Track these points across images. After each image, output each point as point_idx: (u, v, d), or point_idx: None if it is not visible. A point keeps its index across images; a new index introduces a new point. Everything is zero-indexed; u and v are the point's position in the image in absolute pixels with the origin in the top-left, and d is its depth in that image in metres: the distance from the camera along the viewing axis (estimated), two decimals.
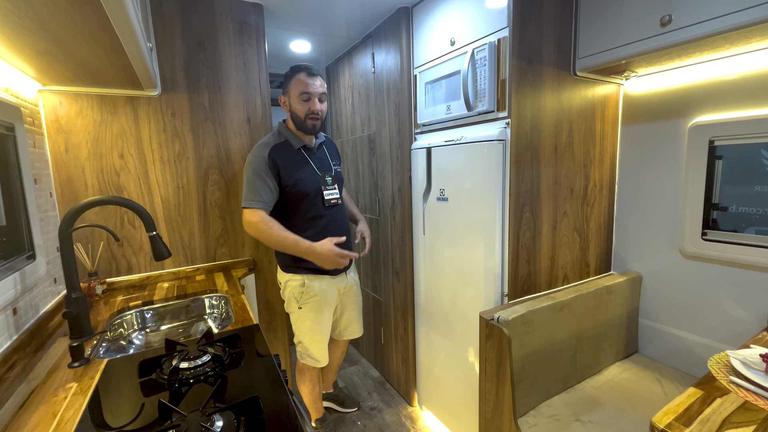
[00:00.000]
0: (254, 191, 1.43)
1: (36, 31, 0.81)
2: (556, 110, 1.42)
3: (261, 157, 1.44)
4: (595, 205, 1.63)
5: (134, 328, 1.35)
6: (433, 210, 1.66)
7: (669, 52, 1.20)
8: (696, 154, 1.38)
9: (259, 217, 1.42)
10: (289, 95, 1.49)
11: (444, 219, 1.60)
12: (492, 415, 1.33)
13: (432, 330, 1.76)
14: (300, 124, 1.49)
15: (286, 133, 1.52)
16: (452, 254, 1.57)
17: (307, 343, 1.61)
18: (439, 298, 1.69)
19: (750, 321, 1.30)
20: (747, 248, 1.28)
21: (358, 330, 1.81)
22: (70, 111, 1.44)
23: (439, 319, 1.70)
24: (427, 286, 1.76)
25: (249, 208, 1.42)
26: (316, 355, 1.63)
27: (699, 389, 0.88)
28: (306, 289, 1.54)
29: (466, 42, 1.43)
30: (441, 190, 1.59)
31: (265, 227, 1.41)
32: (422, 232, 1.74)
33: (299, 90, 1.45)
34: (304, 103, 1.46)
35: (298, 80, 1.45)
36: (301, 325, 1.59)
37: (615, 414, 1.26)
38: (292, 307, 1.59)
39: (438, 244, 1.65)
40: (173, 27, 1.57)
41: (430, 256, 1.71)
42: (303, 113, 1.47)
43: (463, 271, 1.53)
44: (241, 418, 0.71)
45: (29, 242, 1.14)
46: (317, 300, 1.56)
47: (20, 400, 0.83)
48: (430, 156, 1.63)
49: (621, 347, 1.59)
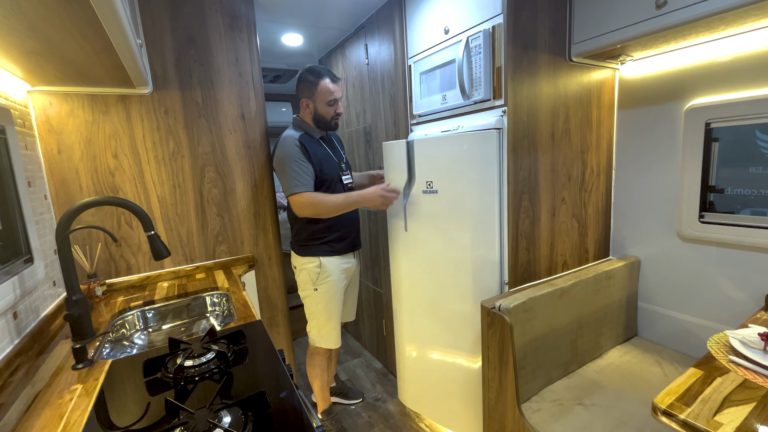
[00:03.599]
0: (297, 176, 1.50)
1: (23, 30, 0.79)
2: (552, 97, 1.42)
3: (293, 145, 1.52)
4: (593, 191, 1.63)
5: (136, 328, 1.35)
6: (423, 202, 1.64)
7: (665, 34, 1.19)
8: (692, 137, 1.38)
9: (309, 197, 1.50)
10: (315, 100, 1.58)
11: (432, 211, 1.52)
12: (495, 401, 1.34)
13: (423, 319, 1.76)
14: (325, 124, 1.62)
15: (306, 127, 1.62)
16: (448, 245, 1.56)
17: (321, 325, 1.66)
18: (429, 290, 1.61)
19: (747, 301, 1.32)
20: (743, 229, 1.29)
21: (352, 314, 1.91)
22: (61, 111, 1.42)
23: (432, 312, 1.69)
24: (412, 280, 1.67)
25: (296, 193, 1.49)
26: (329, 336, 1.68)
27: (699, 369, 0.89)
28: (322, 270, 1.61)
29: (461, 30, 1.41)
30: (428, 182, 1.51)
31: (318, 203, 1.50)
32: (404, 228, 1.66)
33: (327, 97, 1.56)
34: (330, 107, 1.58)
35: (326, 88, 1.55)
36: (317, 307, 1.65)
37: (616, 396, 1.28)
38: (308, 290, 1.65)
39: (423, 238, 1.61)
40: (162, 22, 1.54)
41: (414, 252, 1.63)
42: (330, 115, 1.60)
43: (458, 262, 1.52)
44: (248, 414, 0.71)
45: (26, 246, 1.13)
46: (332, 280, 1.63)
47: (26, 403, 0.83)
48: (412, 150, 1.52)
49: (621, 331, 1.61)
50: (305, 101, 1.59)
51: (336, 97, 1.57)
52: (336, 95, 1.57)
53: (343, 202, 1.51)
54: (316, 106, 1.58)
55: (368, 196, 1.50)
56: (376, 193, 1.50)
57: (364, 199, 1.51)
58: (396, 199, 1.54)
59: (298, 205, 1.51)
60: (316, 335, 1.69)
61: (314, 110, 1.59)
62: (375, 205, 1.52)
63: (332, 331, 1.68)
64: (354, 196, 1.51)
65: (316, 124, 1.62)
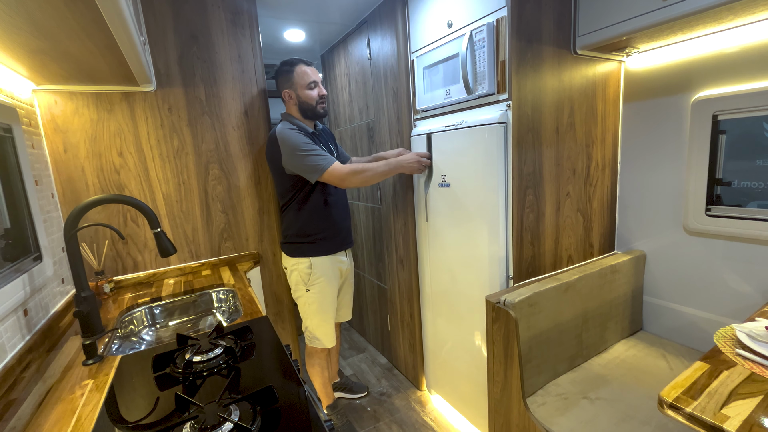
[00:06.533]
0: (318, 153, 1.48)
1: (28, 29, 0.79)
2: (557, 90, 1.41)
3: (296, 133, 1.51)
4: (598, 185, 1.62)
5: (144, 324, 1.36)
6: (436, 196, 1.65)
7: (671, 25, 1.18)
8: (699, 130, 1.36)
9: (350, 167, 1.51)
10: (294, 87, 1.55)
11: (446, 205, 1.59)
12: (501, 395, 1.35)
13: (438, 315, 1.78)
14: (312, 111, 1.59)
15: (295, 121, 1.59)
16: (456, 239, 1.57)
17: (315, 326, 1.65)
18: (444, 284, 1.70)
19: (754, 294, 1.31)
20: (750, 222, 1.28)
21: (348, 313, 1.91)
22: (66, 110, 1.42)
23: (445, 304, 1.72)
24: (432, 272, 1.77)
25: (327, 167, 1.47)
26: (324, 337, 1.67)
27: (705, 363, 0.89)
28: (313, 271, 1.60)
29: (464, 24, 1.40)
30: (443, 176, 1.58)
31: (363, 170, 1.52)
32: (425, 218, 1.74)
33: (306, 80, 1.54)
34: (312, 90, 1.55)
35: (302, 72, 1.54)
36: (309, 308, 1.64)
37: (622, 390, 1.28)
38: (300, 291, 1.64)
39: (441, 230, 1.65)
40: (165, 19, 1.54)
41: (434, 243, 1.72)
42: (314, 100, 1.57)
43: (467, 256, 1.53)
44: (257, 408, 0.72)
45: (35, 244, 1.14)
46: (324, 281, 1.62)
47: (39, 398, 0.84)
48: (431, 142, 1.62)
49: (626, 325, 1.61)
50: (287, 93, 1.57)
51: (314, 79, 1.55)
52: (313, 77, 1.55)
53: (386, 168, 1.56)
54: (297, 94, 1.55)
55: (405, 162, 1.58)
56: (413, 158, 1.59)
57: (402, 165, 1.58)
58: (428, 165, 1.63)
59: (340, 177, 1.49)
60: (311, 336, 1.68)
61: (297, 99, 1.56)
62: (412, 170, 1.61)
63: (327, 331, 1.67)
64: (393, 162, 1.58)
65: (304, 115, 1.59)
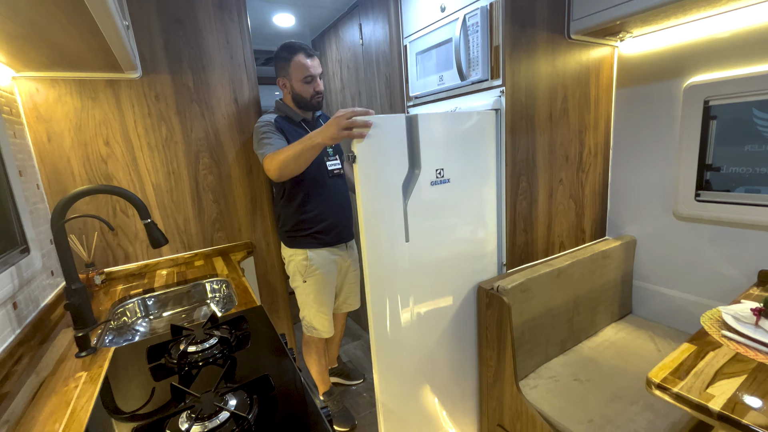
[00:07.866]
0: (266, 141, 1.42)
1: (5, 13, 0.76)
2: (551, 76, 1.40)
3: (267, 122, 1.47)
4: (590, 171, 1.63)
5: (137, 315, 1.36)
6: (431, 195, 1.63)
7: (665, 9, 1.17)
8: (691, 115, 1.37)
9: (268, 158, 1.37)
10: (290, 78, 1.49)
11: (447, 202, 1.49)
12: (494, 379, 1.38)
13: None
14: (306, 104, 1.53)
15: (286, 110, 1.55)
16: (449, 226, 1.57)
17: (312, 316, 1.66)
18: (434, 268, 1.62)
19: (740, 277, 1.34)
20: (737, 207, 1.30)
21: (356, 302, 1.88)
22: (49, 98, 1.38)
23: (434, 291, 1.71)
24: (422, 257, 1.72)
25: (265, 154, 1.39)
26: (321, 327, 1.68)
27: (692, 344, 0.92)
28: (310, 263, 1.59)
29: (457, 8, 1.38)
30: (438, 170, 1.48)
31: (278, 158, 1.34)
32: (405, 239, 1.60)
33: (302, 74, 1.46)
34: (308, 85, 1.48)
35: (300, 64, 1.45)
36: (306, 298, 1.64)
37: (611, 372, 1.31)
38: (297, 281, 1.64)
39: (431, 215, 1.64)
40: (148, 2, 1.49)
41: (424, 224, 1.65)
42: (309, 95, 1.50)
43: (460, 242, 1.53)
44: (253, 397, 0.72)
45: (21, 236, 1.12)
46: (321, 273, 1.61)
47: (31, 391, 0.84)
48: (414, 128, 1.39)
49: (615, 309, 1.64)
50: (281, 80, 1.51)
51: (312, 74, 1.46)
52: (312, 71, 1.46)
53: (301, 146, 1.28)
54: (292, 85, 1.48)
55: (325, 126, 1.21)
56: (330, 123, 1.18)
57: (321, 132, 1.22)
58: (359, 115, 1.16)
59: (266, 171, 1.40)
60: (308, 325, 1.69)
61: (291, 89, 1.50)
62: (333, 137, 1.19)
63: (324, 321, 1.67)
64: (312, 133, 1.27)
65: (297, 105, 1.54)
